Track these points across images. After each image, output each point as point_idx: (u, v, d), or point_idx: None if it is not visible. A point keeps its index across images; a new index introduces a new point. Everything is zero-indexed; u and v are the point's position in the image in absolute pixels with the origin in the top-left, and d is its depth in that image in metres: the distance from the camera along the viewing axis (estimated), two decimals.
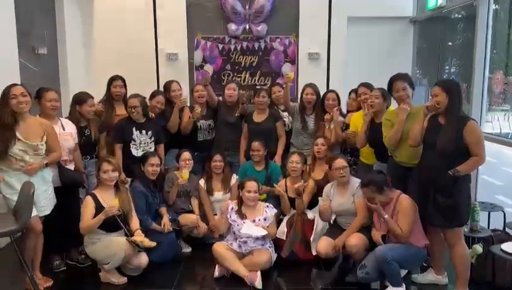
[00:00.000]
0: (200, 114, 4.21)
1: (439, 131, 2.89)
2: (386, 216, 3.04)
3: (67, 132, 3.44)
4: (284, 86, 4.37)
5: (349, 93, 4.35)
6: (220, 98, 4.68)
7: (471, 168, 2.90)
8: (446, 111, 2.88)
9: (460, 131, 2.80)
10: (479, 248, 3.24)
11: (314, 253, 3.60)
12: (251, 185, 3.51)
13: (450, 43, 5.82)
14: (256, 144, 4.09)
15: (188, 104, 4.58)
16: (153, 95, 4.28)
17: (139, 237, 3.25)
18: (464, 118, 2.86)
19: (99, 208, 3.24)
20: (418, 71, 6.47)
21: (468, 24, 5.15)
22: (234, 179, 4.15)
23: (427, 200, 2.98)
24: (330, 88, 5.09)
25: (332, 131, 4.11)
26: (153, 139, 3.98)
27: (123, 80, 4.18)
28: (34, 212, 2.99)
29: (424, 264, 3.39)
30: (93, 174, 3.75)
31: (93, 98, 3.77)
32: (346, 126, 4.12)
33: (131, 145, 3.91)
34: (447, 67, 5.88)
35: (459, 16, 5.56)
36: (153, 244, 3.24)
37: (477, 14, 4.36)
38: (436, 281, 3.25)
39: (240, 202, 3.57)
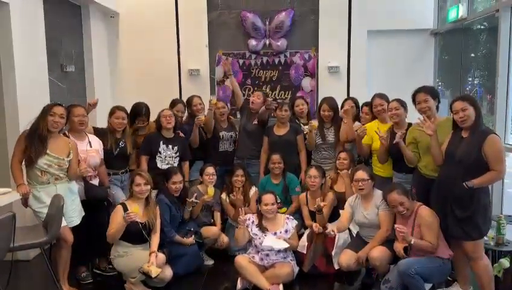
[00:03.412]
0: (214, 104, 4.36)
1: (461, 144, 2.89)
2: (412, 241, 2.99)
3: (93, 149, 3.55)
4: (308, 132, 4.25)
5: (361, 106, 4.34)
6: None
7: (487, 182, 2.88)
8: (472, 125, 2.87)
9: (480, 144, 2.79)
10: (505, 261, 3.17)
11: (336, 267, 3.58)
12: (267, 198, 3.55)
13: (472, 55, 5.76)
14: (276, 157, 4.13)
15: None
16: (173, 103, 4.48)
17: (151, 266, 3.21)
18: (485, 132, 2.85)
19: None
20: (440, 83, 6.41)
21: (491, 35, 5.10)
22: (253, 190, 4.18)
23: (446, 212, 2.96)
24: None
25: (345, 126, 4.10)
26: (178, 154, 4.08)
27: (125, 111, 3.92)
28: (64, 223, 3.10)
29: (449, 278, 3.34)
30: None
31: (123, 110, 3.85)
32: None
33: (156, 158, 4.02)
34: (470, 79, 5.81)
35: (482, 27, 5.51)
36: (160, 270, 3.24)
37: (499, 25, 4.32)
38: None
39: (260, 215, 3.59)
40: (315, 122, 4.24)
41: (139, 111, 4.09)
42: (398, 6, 5.95)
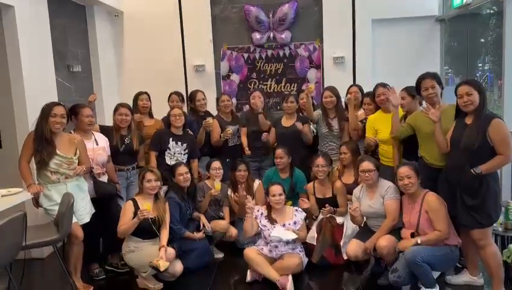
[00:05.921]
0: (230, 134, 4.37)
1: (465, 130, 2.87)
2: (419, 241, 3.00)
3: (100, 146, 3.60)
4: (306, 97, 4.34)
5: (363, 98, 4.33)
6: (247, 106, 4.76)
7: (495, 167, 2.84)
8: (476, 110, 2.84)
9: (484, 129, 2.76)
10: None
11: (345, 257, 3.60)
12: (275, 189, 3.57)
13: (482, 40, 5.68)
14: (279, 151, 4.11)
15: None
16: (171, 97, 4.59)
17: (160, 260, 3.24)
18: (489, 116, 2.82)
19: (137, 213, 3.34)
20: (449, 70, 6.34)
21: (500, 20, 5.02)
22: (257, 183, 4.20)
23: (455, 200, 2.95)
24: None
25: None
26: (186, 151, 4.13)
27: (148, 95, 4.38)
28: (74, 220, 3.15)
29: (459, 265, 3.34)
30: (134, 184, 3.92)
31: (126, 107, 3.90)
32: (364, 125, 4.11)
33: (166, 154, 4.07)
34: (480, 64, 5.74)
35: (490, 12, 5.43)
36: (168, 264, 3.27)
37: (504, 10, 4.27)
38: (471, 282, 3.19)
39: (269, 207, 3.62)
40: (312, 85, 4.24)
41: (138, 93, 4.37)
42: None
